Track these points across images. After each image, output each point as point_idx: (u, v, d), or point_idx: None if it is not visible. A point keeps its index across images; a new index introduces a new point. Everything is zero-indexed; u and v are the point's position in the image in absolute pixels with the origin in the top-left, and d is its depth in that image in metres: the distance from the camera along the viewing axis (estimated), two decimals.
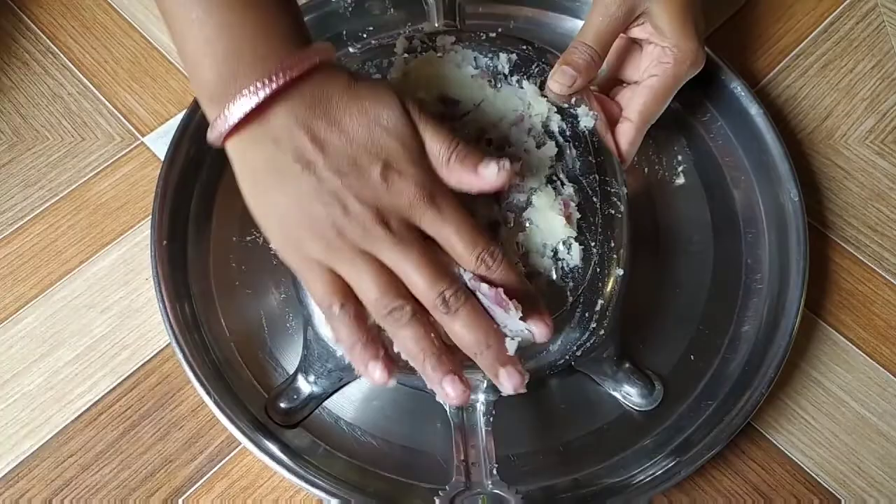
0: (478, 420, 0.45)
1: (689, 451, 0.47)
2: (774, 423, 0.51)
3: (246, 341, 0.51)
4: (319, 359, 0.47)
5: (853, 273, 0.55)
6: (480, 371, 0.42)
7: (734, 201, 0.56)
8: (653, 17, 0.48)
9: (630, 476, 0.47)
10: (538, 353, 0.43)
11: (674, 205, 0.56)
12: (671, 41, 0.49)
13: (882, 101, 0.61)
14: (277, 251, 0.40)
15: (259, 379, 0.50)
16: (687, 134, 0.58)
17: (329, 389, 0.49)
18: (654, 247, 0.54)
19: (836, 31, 0.64)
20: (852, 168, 0.59)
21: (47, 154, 0.58)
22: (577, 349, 0.44)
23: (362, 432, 0.49)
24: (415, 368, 0.39)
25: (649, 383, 0.50)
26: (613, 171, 0.48)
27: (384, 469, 0.48)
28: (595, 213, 0.45)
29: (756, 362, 0.50)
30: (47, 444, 0.49)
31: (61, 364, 0.52)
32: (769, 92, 0.62)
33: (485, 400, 0.45)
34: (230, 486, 0.49)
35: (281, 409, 0.49)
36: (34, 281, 0.54)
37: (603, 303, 0.44)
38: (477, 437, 0.44)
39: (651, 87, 0.49)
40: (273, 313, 0.52)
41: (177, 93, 0.60)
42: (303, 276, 0.40)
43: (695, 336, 0.52)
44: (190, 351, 0.48)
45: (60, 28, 0.63)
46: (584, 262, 0.44)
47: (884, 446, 0.50)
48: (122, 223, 0.56)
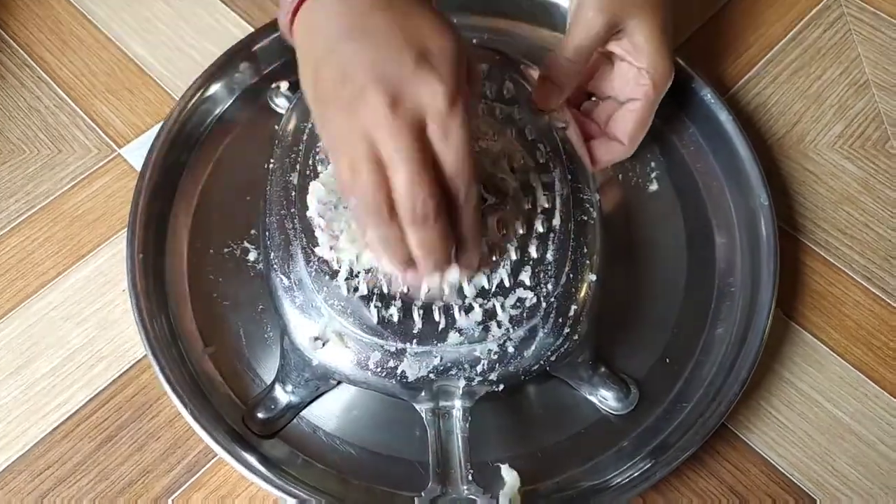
0: (454, 426, 0.45)
1: (665, 453, 0.47)
2: (749, 423, 0.52)
3: (224, 353, 0.51)
4: (296, 368, 0.47)
5: (824, 275, 0.56)
6: (455, 378, 0.43)
7: (706, 206, 0.57)
8: (632, 34, 0.49)
9: (609, 478, 0.48)
10: (513, 358, 0.44)
11: (647, 211, 0.57)
12: (648, 61, 0.49)
13: (850, 107, 0.62)
14: (323, 125, 0.39)
15: (237, 391, 0.50)
16: (659, 141, 0.59)
17: (307, 399, 0.49)
18: (627, 252, 0.55)
19: (804, 40, 0.65)
20: (822, 172, 0.60)
21: (24, 166, 0.58)
22: (552, 355, 0.45)
23: (341, 441, 0.49)
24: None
25: (625, 387, 0.50)
26: (586, 177, 0.49)
27: (364, 478, 0.48)
28: (567, 219, 0.46)
29: (729, 364, 0.50)
30: (23, 456, 0.49)
31: (38, 376, 0.51)
32: (740, 98, 0.63)
33: (461, 406, 0.45)
34: (208, 495, 0.49)
35: (259, 419, 0.48)
36: (10, 293, 0.54)
37: (577, 308, 0.45)
38: (453, 442, 0.45)
39: (636, 112, 0.51)
40: (251, 325, 0.52)
41: (154, 105, 0.61)
42: (352, 109, 0.37)
43: (669, 339, 0.53)
44: (167, 364, 0.48)
45: (37, 41, 0.63)
46: (556, 268, 0.45)
47: (856, 445, 0.51)
48: (99, 235, 0.56)
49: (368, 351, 0.43)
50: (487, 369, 0.43)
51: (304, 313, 0.44)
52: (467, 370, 0.43)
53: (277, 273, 0.45)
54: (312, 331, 0.44)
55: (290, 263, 0.45)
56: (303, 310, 0.44)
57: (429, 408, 0.45)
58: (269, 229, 0.46)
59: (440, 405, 0.45)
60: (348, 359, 0.44)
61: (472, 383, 0.44)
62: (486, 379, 0.44)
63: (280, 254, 0.45)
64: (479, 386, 0.44)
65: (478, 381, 0.44)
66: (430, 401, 0.45)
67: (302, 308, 0.44)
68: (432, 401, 0.45)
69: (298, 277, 0.45)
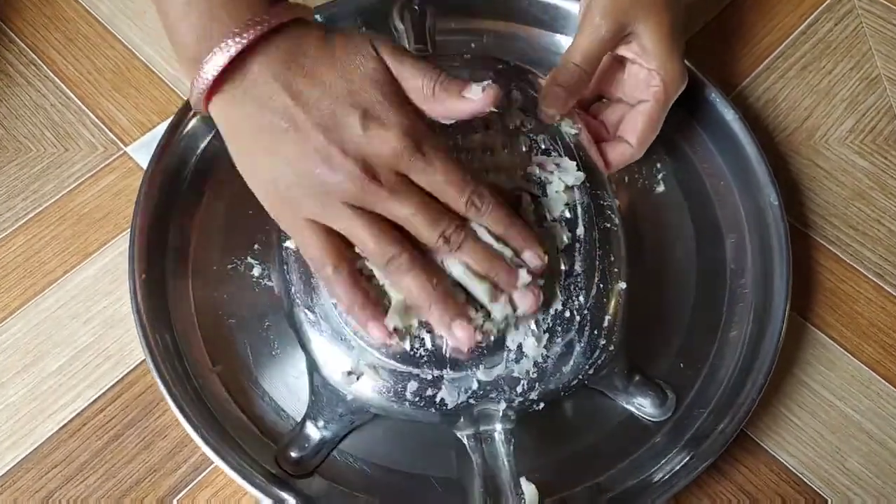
0: (498, 450, 0.44)
1: (688, 457, 0.46)
2: (759, 423, 0.51)
3: (230, 370, 0.50)
4: (329, 404, 0.45)
5: (835, 272, 0.56)
6: (495, 401, 0.42)
7: (715, 208, 0.56)
8: (640, 37, 0.49)
9: (647, 475, 0.47)
10: (552, 375, 0.43)
11: (655, 213, 0.56)
12: (657, 63, 0.49)
13: (861, 102, 0.62)
14: (271, 214, 0.41)
15: (245, 409, 0.49)
16: (665, 142, 0.57)
17: (341, 433, 0.47)
18: (636, 256, 0.54)
19: (814, 34, 0.65)
20: (833, 168, 0.59)
21: (30, 165, 0.58)
22: (590, 368, 0.43)
23: (354, 458, 0.48)
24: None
25: (661, 393, 0.49)
26: (603, 184, 0.47)
27: (377, 494, 0.47)
28: (591, 227, 0.45)
29: (745, 367, 0.50)
30: (31, 455, 0.49)
31: (45, 374, 0.51)
32: (749, 94, 0.62)
33: (502, 429, 0.44)
34: (214, 494, 0.49)
35: (292, 459, 0.47)
36: (17, 291, 0.54)
37: (610, 318, 0.44)
38: (499, 468, 0.43)
39: (646, 114, 0.50)
40: (257, 340, 0.51)
41: (160, 102, 0.60)
42: (297, 239, 0.40)
43: (683, 343, 0.52)
44: (171, 380, 0.47)
45: (43, 39, 0.63)
46: (586, 280, 0.43)
47: (868, 444, 0.51)
48: (106, 233, 0.56)
49: (404, 381, 0.42)
50: (527, 389, 0.42)
51: (333, 347, 0.43)
52: (507, 392, 0.42)
53: (301, 308, 0.43)
54: (344, 365, 0.43)
55: (314, 296, 0.43)
56: (332, 344, 0.43)
57: (470, 433, 0.44)
58: (287, 262, 0.44)
59: (481, 430, 0.44)
60: (384, 391, 0.42)
61: (513, 404, 0.42)
62: (527, 399, 0.42)
63: (301, 287, 0.44)
64: (519, 406, 0.43)
65: (518, 401, 0.42)
66: (470, 426, 0.44)
67: (331, 342, 0.43)
68: (473, 426, 0.44)
69: (324, 311, 0.43)
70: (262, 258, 0.52)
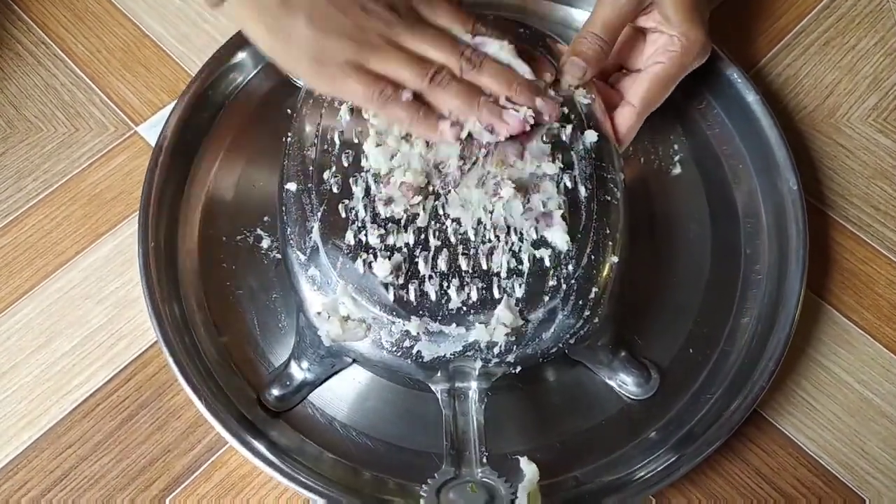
0: (470, 407, 0.44)
1: (690, 446, 0.46)
2: (776, 405, 0.50)
3: (237, 342, 0.51)
4: (312, 345, 0.47)
5: (855, 253, 0.55)
6: (471, 359, 0.42)
7: (732, 191, 0.55)
8: (661, 5, 0.48)
9: (630, 472, 0.47)
10: (531, 340, 0.43)
11: (671, 195, 0.55)
12: (679, 30, 0.48)
13: (885, 79, 0.60)
14: (308, 77, 0.45)
15: (251, 380, 0.50)
16: (683, 123, 0.57)
17: (322, 376, 0.49)
18: (650, 237, 0.54)
19: (837, 8, 0.63)
20: (854, 147, 0.58)
21: (41, 145, 0.58)
22: (571, 337, 0.43)
23: (357, 433, 0.49)
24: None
25: (645, 371, 0.49)
26: (610, 156, 0.47)
27: (378, 469, 0.48)
28: (591, 199, 0.45)
29: (755, 355, 0.49)
30: (45, 435, 0.49)
31: (58, 355, 0.51)
32: (770, 71, 0.61)
33: (477, 387, 0.44)
34: (228, 474, 0.49)
35: (274, 396, 0.48)
36: (30, 272, 0.54)
37: (597, 290, 0.43)
38: (468, 424, 0.44)
39: (656, 74, 0.49)
40: (264, 313, 0.51)
41: (170, 81, 0.60)
42: (342, 87, 0.44)
43: (693, 328, 0.52)
44: (179, 353, 0.47)
45: (52, 18, 0.62)
46: (577, 249, 0.43)
47: (887, 427, 0.50)
48: (117, 213, 0.55)
49: (384, 330, 0.43)
50: (504, 351, 0.42)
51: (319, 290, 0.44)
52: (484, 351, 0.42)
53: (294, 248, 0.44)
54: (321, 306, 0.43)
55: (307, 239, 0.44)
56: (318, 286, 0.44)
57: (444, 388, 0.45)
58: (286, 204, 0.45)
59: (456, 386, 0.44)
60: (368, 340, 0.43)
61: (489, 364, 0.43)
62: (504, 361, 0.43)
63: (296, 229, 0.44)
64: (495, 367, 0.43)
65: (494, 362, 0.43)
66: (445, 381, 0.45)
67: (318, 284, 0.44)
68: (448, 381, 0.44)
69: (315, 253, 0.44)
70: (271, 231, 0.53)
